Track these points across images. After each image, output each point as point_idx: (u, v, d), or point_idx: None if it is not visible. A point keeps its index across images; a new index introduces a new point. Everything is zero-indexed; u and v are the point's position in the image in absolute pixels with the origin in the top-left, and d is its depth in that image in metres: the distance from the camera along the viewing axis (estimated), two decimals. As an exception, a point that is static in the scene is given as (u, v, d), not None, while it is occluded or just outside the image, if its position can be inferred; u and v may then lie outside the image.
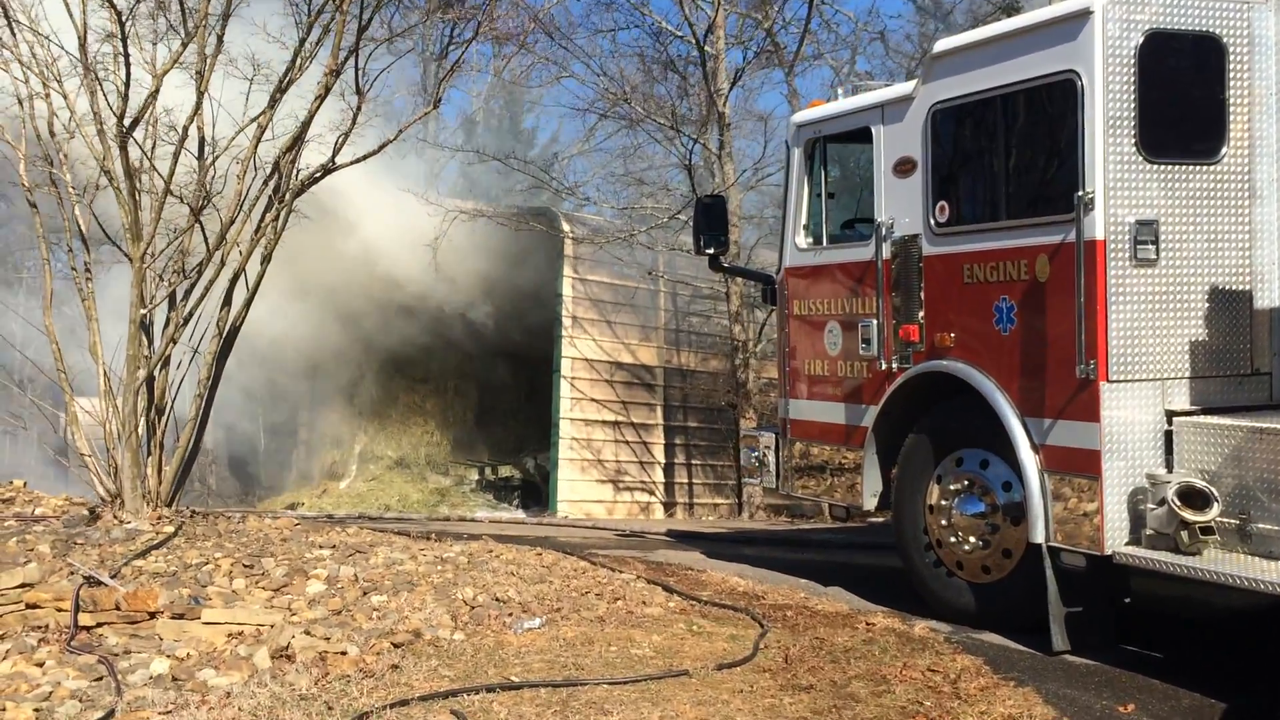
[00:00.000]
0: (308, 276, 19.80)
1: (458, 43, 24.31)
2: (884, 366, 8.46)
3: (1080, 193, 6.82)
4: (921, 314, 8.14)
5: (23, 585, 7.58)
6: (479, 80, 32.13)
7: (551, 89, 29.94)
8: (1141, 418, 6.88)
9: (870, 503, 8.80)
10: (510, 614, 7.50)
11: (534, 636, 7.06)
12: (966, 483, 7.85)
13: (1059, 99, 7.07)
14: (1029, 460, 7.25)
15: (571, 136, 34.11)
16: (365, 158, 11.92)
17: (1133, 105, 6.86)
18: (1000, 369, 7.49)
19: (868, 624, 7.71)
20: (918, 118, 8.14)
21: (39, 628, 7.29)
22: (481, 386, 25.27)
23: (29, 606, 7.44)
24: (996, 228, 7.55)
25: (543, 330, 21.39)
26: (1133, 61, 6.85)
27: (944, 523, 7.97)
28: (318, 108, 11.44)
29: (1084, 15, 6.85)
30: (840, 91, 9.38)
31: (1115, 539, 6.80)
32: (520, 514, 20.83)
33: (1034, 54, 7.20)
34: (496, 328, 22.87)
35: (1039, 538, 7.16)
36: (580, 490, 20.35)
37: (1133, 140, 6.87)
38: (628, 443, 21.16)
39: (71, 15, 10.62)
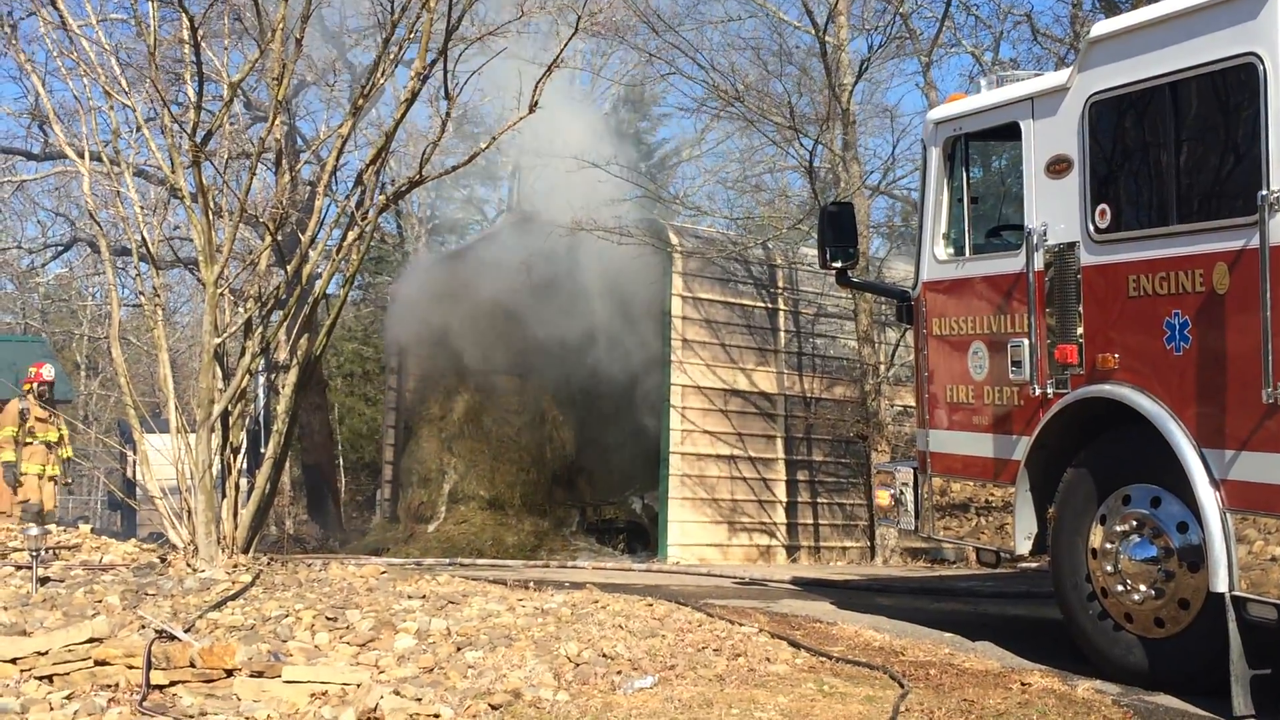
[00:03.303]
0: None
1: (555, 40, 24.50)
2: (1038, 392, 8.32)
3: (1264, 191, 6.65)
4: (1080, 332, 8.00)
5: (91, 640, 7.73)
6: (578, 81, 32.34)
7: (665, 91, 30.04)
8: (1340, 448, 6.67)
9: (1023, 546, 8.65)
10: (619, 672, 7.49)
11: (645, 697, 7.03)
12: (1135, 523, 7.67)
13: (1237, 85, 6.92)
14: (1208, 498, 7.06)
15: (679, 141, 34.23)
16: (456, 169, 12.06)
17: (1323, 91, 6.68)
18: (1173, 394, 7.32)
19: (1023, 684, 7.56)
20: (1073, 111, 8.03)
21: (109, 686, 7.43)
22: (582, 418, 25.35)
23: (98, 663, 7.59)
24: (1167, 233, 7.39)
25: (650, 354, 21.40)
26: (1323, 41, 6.68)
27: (1110, 569, 7.80)
28: (404, 114, 11.61)
29: (1265, -10, 6.69)
30: (983, 83, 9.26)
31: (1311, 588, 6.60)
32: (626, 559, 20.83)
33: (1207, 35, 7.06)
34: (599, 352, 22.93)
35: (1221, 586, 6.96)
36: (692, 533, 20.27)
37: (1324, 131, 6.69)
38: (745, 479, 21.04)
39: (140, 22, 10.92)
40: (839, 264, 10.10)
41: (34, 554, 9.94)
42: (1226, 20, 6.96)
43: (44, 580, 9.98)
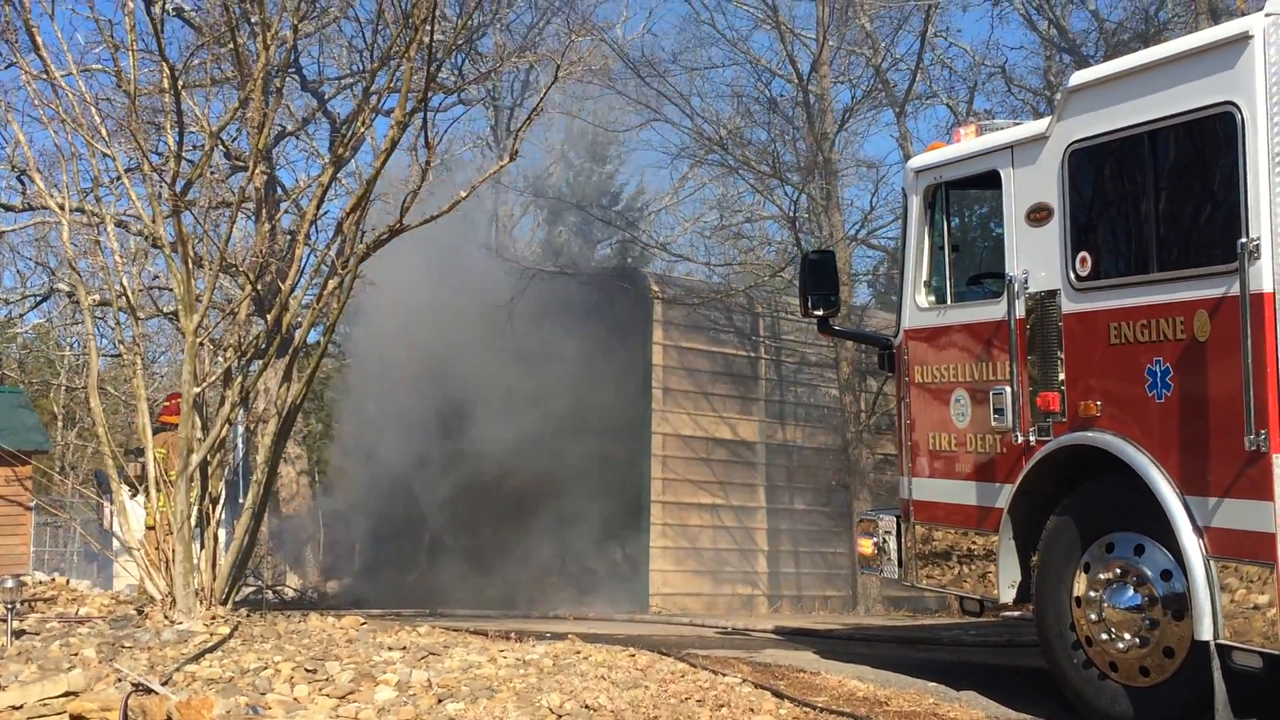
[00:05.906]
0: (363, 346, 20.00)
1: (535, 88, 24.61)
2: (1020, 440, 8.31)
3: (1244, 239, 6.68)
4: (1062, 380, 8.01)
5: (67, 694, 7.66)
6: (556, 129, 32.33)
7: (637, 137, 30.00)
8: (1322, 495, 6.67)
9: (1007, 594, 8.61)
10: (602, 724, 7.43)
11: (629, 749, 6.98)
12: (1119, 571, 7.65)
13: (1216, 134, 6.96)
14: (1191, 545, 7.05)
15: (658, 189, 34.15)
16: (436, 217, 12.03)
17: (1302, 139, 6.73)
18: (1155, 441, 7.32)
19: (1009, 734, 7.53)
20: (1053, 159, 8.07)
21: (84, 740, 7.36)
22: (564, 467, 25.25)
23: (73, 717, 7.52)
24: (1147, 281, 7.41)
25: (631, 403, 21.37)
26: (1300, 90, 6.73)
27: (1094, 617, 7.77)
28: (383, 163, 11.61)
29: (1242, 40, 6.75)
30: (963, 132, 9.31)
31: (1296, 635, 6.58)
32: (608, 609, 20.73)
33: (1186, 85, 7.11)
34: (580, 401, 22.90)
35: (1205, 634, 6.94)
36: (674, 582, 20.22)
37: (1302, 179, 6.73)
38: (727, 528, 21.01)
39: (120, 73, 10.94)
40: (820, 312, 10.08)
41: (9, 606, 9.84)
42: (1204, 70, 7.00)
43: (19, 633, 9.89)
